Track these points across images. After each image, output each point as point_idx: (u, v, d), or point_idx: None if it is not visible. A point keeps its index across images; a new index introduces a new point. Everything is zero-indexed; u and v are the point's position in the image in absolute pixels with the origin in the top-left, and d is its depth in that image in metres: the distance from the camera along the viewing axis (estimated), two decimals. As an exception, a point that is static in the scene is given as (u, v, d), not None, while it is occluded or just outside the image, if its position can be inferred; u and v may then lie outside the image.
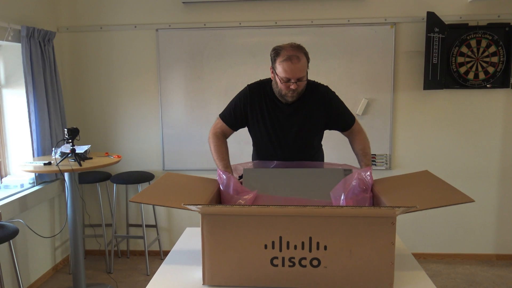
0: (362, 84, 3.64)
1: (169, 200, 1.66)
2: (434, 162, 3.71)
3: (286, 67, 1.88)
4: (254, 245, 1.44)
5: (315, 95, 2.07)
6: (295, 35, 3.62)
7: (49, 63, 3.38)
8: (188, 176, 2.01)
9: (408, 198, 1.63)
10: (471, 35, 3.51)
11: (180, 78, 3.74)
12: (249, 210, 1.43)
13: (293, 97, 1.98)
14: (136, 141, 3.86)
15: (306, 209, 1.39)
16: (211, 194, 1.75)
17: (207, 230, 1.46)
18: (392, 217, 1.38)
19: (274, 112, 2.06)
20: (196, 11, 3.67)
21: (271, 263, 1.45)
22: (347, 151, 3.75)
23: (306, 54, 1.95)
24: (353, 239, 1.40)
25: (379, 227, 1.39)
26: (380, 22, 3.58)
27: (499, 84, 3.55)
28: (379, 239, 1.39)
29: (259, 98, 2.07)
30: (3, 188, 3.17)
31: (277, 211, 1.41)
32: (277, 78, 1.95)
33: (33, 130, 3.25)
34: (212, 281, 1.49)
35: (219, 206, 1.48)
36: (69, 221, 3.06)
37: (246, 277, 1.47)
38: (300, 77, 1.92)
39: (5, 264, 2.97)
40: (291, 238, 1.42)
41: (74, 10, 3.75)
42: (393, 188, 1.77)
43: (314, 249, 1.42)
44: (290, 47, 1.92)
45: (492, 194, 3.74)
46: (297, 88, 1.94)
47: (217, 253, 1.47)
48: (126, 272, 3.69)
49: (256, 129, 2.12)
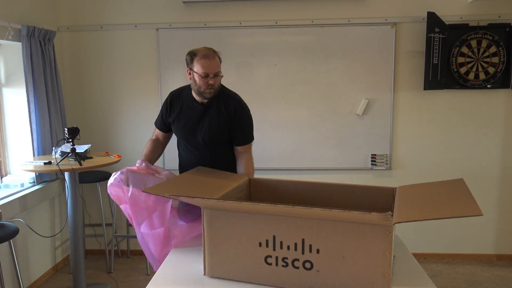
0: (363, 84, 3.64)
1: (177, 192, 1.68)
2: (434, 163, 3.71)
3: (204, 63, 2.10)
4: (250, 242, 1.47)
5: (226, 103, 2.24)
6: (296, 35, 3.62)
7: (50, 62, 3.38)
8: (219, 171, 2.13)
9: (416, 206, 1.53)
10: (471, 36, 3.51)
11: (180, 78, 3.73)
12: (242, 206, 1.45)
13: (210, 93, 2.16)
14: (136, 140, 3.86)
15: (295, 209, 1.36)
16: (228, 188, 1.77)
17: (207, 222, 1.51)
18: (388, 226, 1.31)
19: (189, 112, 2.27)
20: (197, 11, 3.67)
21: (266, 261, 1.46)
22: (347, 151, 3.76)
23: (218, 55, 2.17)
24: (346, 244, 1.37)
25: (374, 235, 1.33)
26: (380, 22, 3.57)
27: (500, 84, 3.55)
28: (373, 247, 1.34)
29: (177, 102, 2.31)
30: (3, 187, 3.17)
31: (268, 209, 1.41)
32: (195, 76, 2.14)
33: (33, 129, 3.25)
34: (212, 272, 1.54)
35: (215, 200, 1.50)
36: (69, 220, 3.06)
37: (243, 272, 1.49)
38: (216, 72, 2.13)
39: (5, 264, 2.97)
40: (284, 238, 1.43)
41: (75, 9, 3.75)
42: (411, 194, 1.67)
43: (307, 252, 1.41)
44: (204, 48, 2.15)
45: (492, 194, 3.74)
46: (214, 83, 2.13)
47: (216, 246, 1.51)
48: (126, 271, 3.69)
49: (175, 129, 2.35)
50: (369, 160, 3.72)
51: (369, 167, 3.73)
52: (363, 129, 3.70)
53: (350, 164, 3.74)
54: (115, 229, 3.75)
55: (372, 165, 3.73)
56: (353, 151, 3.72)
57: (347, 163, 3.74)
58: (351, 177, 3.74)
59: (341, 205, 1.83)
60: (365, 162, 3.73)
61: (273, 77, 3.68)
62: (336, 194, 1.86)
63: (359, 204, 1.82)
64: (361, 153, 3.72)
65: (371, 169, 3.74)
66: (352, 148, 3.72)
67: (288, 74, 3.66)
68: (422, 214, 1.40)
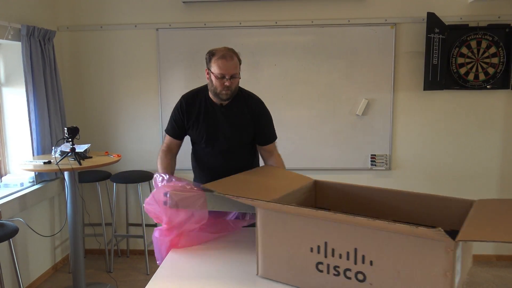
0: (362, 84, 3.64)
1: (237, 191, 1.65)
2: (434, 163, 3.72)
3: (221, 64, 2.04)
4: (301, 246, 1.43)
5: (248, 103, 2.21)
6: (296, 35, 3.62)
7: (49, 62, 3.38)
8: (284, 171, 2.11)
9: (490, 224, 1.36)
10: (471, 36, 3.51)
11: (180, 78, 3.74)
12: (297, 210, 1.42)
13: (227, 95, 2.10)
14: (136, 140, 3.86)
15: (351, 218, 1.29)
16: (289, 189, 1.74)
17: (260, 223, 1.51)
18: (449, 243, 1.17)
19: (208, 115, 2.19)
20: (197, 11, 3.67)
21: (317, 268, 1.42)
22: (346, 152, 3.76)
23: (238, 56, 2.12)
24: (402, 259, 1.25)
25: (432, 251, 1.20)
26: (380, 23, 3.58)
27: (499, 85, 3.55)
28: (432, 266, 1.21)
29: (193, 106, 2.21)
30: (3, 187, 3.17)
31: (323, 214, 1.36)
32: (212, 76, 2.09)
33: (33, 129, 3.25)
34: (265, 273, 1.53)
35: (266, 202, 1.48)
36: (69, 220, 3.06)
37: (294, 276, 1.47)
38: (233, 74, 2.07)
39: (5, 263, 2.97)
40: (336, 246, 1.37)
41: (75, 9, 3.75)
42: (489, 210, 1.50)
43: (360, 262, 1.33)
44: (224, 48, 2.10)
45: (492, 195, 3.74)
46: (230, 85, 2.07)
47: (269, 247, 1.50)
48: (126, 271, 3.69)
49: (193, 133, 2.24)
50: (369, 161, 3.72)
51: (369, 167, 3.73)
52: (363, 129, 3.70)
53: (349, 165, 3.74)
54: (114, 228, 3.76)
55: (371, 165, 3.73)
56: (353, 151, 3.73)
57: (346, 163, 3.74)
58: (351, 178, 3.74)
59: (410, 215, 1.68)
60: (365, 163, 3.73)
61: (273, 77, 3.68)
62: (405, 203, 1.70)
63: (428, 216, 1.65)
64: (360, 154, 3.72)
65: (371, 170, 3.74)
66: (352, 148, 3.72)
67: (288, 74, 3.66)
68: (493, 234, 1.24)
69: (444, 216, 1.60)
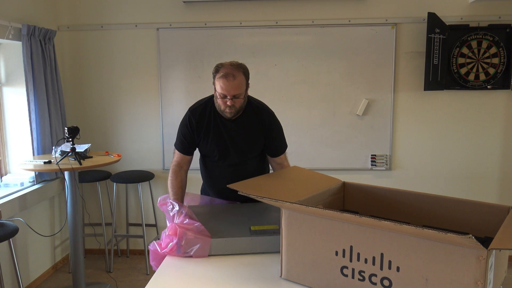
0: (363, 84, 3.64)
1: (262, 192, 1.62)
2: (435, 163, 3.71)
3: (222, 84, 1.96)
4: (326, 249, 1.41)
5: (258, 115, 2.14)
6: (296, 35, 3.62)
7: (50, 61, 3.38)
8: (312, 172, 2.05)
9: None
10: (472, 36, 3.51)
11: (181, 78, 3.74)
12: (322, 212, 1.39)
13: (231, 113, 2.04)
14: (136, 140, 3.86)
15: (377, 221, 1.26)
16: (316, 191, 1.72)
17: (285, 224, 1.49)
18: (480, 250, 1.12)
19: (218, 129, 2.12)
20: (197, 11, 3.67)
21: (341, 272, 1.39)
22: (347, 152, 3.75)
23: (245, 73, 2.03)
24: (430, 266, 1.21)
25: (462, 259, 1.15)
26: (381, 23, 3.57)
27: (500, 85, 3.55)
28: (462, 274, 1.15)
29: (202, 120, 2.12)
30: (3, 186, 3.17)
31: (348, 217, 1.33)
32: (216, 93, 2.03)
33: (33, 128, 3.25)
34: (288, 275, 1.51)
35: (291, 203, 1.46)
36: (69, 220, 3.06)
37: (318, 280, 1.44)
38: (235, 94, 1.98)
39: (5, 263, 2.97)
40: (361, 250, 1.33)
41: (75, 9, 3.75)
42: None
43: (386, 268, 1.29)
44: (229, 65, 2.01)
45: (492, 195, 3.74)
46: (233, 104, 2.00)
47: (293, 249, 1.48)
48: (125, 271, 3.69)
49: (203, 146, 2.18)
50: (369, 161, 3.72)
51: (369, 167, 3.73)
52: (363, 129, 3.70)
53: (350, 165, 3.74)
54: (114, 228, 3.75)
55: (372, 165, 3.73)
56: (353, 151, 3.72)
57: (347, 164, 3.74)
58: (351, 178, 3.73)
59: (443, 221, 1.62)
60: (365, 163, 3.73)
61: (273, 77, 3.68)
62: (438, 208, 1.64)
63: (463, 222, 1.59)
64: (361, 154, 3.72)
65: (371, 170, 3.74)
66: (352, 149, 3.72)
67: (288, 74, 3.66)
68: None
69: (479, 222, 1.55)
